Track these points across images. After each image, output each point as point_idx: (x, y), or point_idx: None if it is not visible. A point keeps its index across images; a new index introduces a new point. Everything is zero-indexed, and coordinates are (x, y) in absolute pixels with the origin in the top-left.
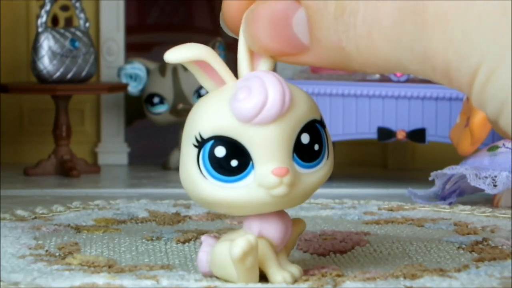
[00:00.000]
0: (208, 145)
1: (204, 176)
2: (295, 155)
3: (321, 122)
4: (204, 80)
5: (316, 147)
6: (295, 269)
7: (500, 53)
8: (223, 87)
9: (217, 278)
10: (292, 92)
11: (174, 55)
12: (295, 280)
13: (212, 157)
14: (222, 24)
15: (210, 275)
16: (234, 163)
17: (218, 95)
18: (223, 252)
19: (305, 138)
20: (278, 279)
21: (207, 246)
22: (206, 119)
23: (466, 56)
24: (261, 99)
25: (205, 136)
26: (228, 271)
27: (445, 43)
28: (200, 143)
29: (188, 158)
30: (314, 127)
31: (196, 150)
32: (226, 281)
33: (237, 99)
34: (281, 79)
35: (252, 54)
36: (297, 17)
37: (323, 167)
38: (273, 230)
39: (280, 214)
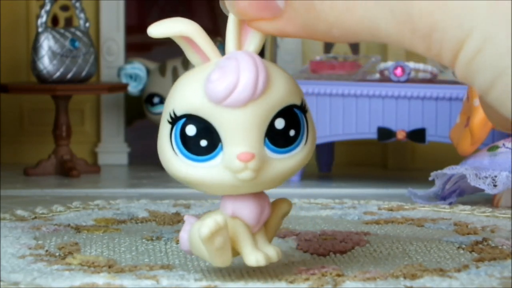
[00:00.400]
0: (180, 123)
1: (176, 153)
2: (267, 139)
3: (301, 107)
4: (191, 55)
5: (292, 132)
6: (272, 251)
7: (496, 21)
8: (206, 63)
9: (197, 256)
10: (270, 75)
11: (158, 29)
12: (269, 262)
13: (183, 135)
14: (221, 5)
15: (190, 254)
16: (203, 143)
17: (196, 73)
18: (197, 232)
19: (280, 123)
20: (251, 259)
21: (188, 225)
22: (181, 96)
23: (457, 19)
24: (233, 81)
25: (178, 114)
26: (202, 250)
27: (436, 3)
28: (173, 120)
29: (163, 133)
30: (292, 112)
31: (169, 126)
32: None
33: (210, 80)
34: (260, 61)
35: (240, 32)
36: None
37: (300, 153)
38: (246, 210)
39: (256, 195)
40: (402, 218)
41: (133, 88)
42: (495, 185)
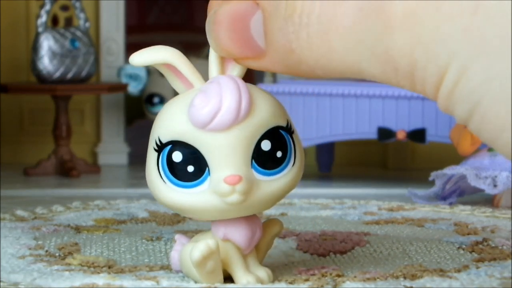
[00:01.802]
0: (166, 150)
1: (163, 180)
2: (253, 162)
3: (287, 129)
4: (174, 83)
5: (279, 154)
6: (263, 273)
7: (471, 52)
8: (189, 90)
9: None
10: (254, 98)
11: (139, 58)
12: (260, 283)
13: (169, 162)
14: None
15: (181, 272)
16: (190, 168)
17: (180, 99)
18: (188, 254)
19: (266, 145)
20: (242, 282)
21: (179, 245)
22: (165, 123)
23: (434, 56)
24: (215, 106)
25: (164, 141)
26: (193, 272)
27: (412, 43)
28: (159, 147)
29: (150, 161)
30: (278, 134)
31: (156, 154)
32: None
33: (193, 105)
34: (242, 85)
35: (223, 58)
36: (254, 19)
37: (288, 174)
38: (238, 234)
39: (247, 218)
40: (402, 218)
41: (133, 88)
42: (495, 185)
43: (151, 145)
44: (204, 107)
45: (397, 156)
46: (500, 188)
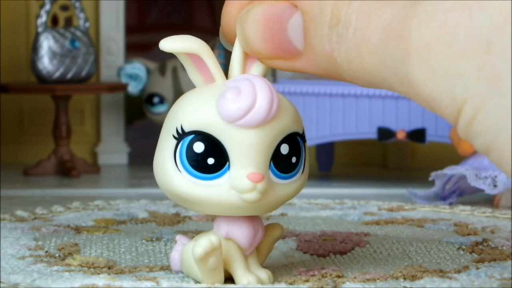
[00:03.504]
0: (188, 139)
1: (179, 169)
2: (272, 164)
3: (302, 136)
4: (194, 74)
5: (294, 159)
6: (264, 274)
7: (486, 90)
8: (211, 84)
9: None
10: (280, 101)
11: (170, 44)
12: (261, 284)
13: (189, 152)
14: (221, 37)
15: (181, 273)
16: (210, 161)
17: (206, 91)
18: (190, 252)
19: (285, 149)
20: (243, 281)
21: (180, 246)
22: (191, 112)
23: (450, 91)
24: (249, 103)
25: (187, 129)
26: (194, 271)
27: (428, 74)
28: (180, 136)
29: (165, 148)
30: (295, 140)
31: (174, 142)
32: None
33: (225, 98)
34: (271, 86)
35: (246, 57)
36: (292, 21)
37: (297, 181)
38: (240, 233)
39: (250, 217)
40: (402, 218)
41: (133, 88)
42: (495, 185)
43: (169, 132)
44: (237, 102)
45: (397, 156)
46: (500, 188)
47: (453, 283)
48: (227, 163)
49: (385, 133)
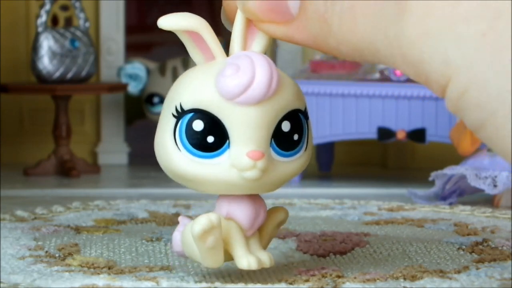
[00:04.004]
0: (187, 117)
1: (179, 148)
2: (273, 141)
3: (304, 113)
4: (194, 52)
5: (296, 137)
6: (265, 256)
7: (487, 58)
8: (211, 62)
9: (188, 257)
10: (280, 77)
11: (168, 21)
12: (261, 266)
13: (189, 130)
14: (223, 18)
15: (182, 255)
16: (210, 139)
17: (205, 68)
18: (190, 231)
19: (286, 126)
20: (243, 263)
21: (182, 226)
22: (189, 90)
23: (443, 52)
24: (248, 79)
25: (186, 108)
26: (194, 250)
27: (422, 33)
28: (180, 114)
29: (165, 127)
30: (297, 117)
31: (174, 120)
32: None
33: (224, 75)
34: (271, 62)
35: (246, 34)
36: None
37: (300, 158)
38: (241, 212)
39: (252, 197)
40: (402, 218)
41: (133, 88)
42: (495, 185)
43: (169, 111)
44: (235, 78)
45: (397, 156)
46: (500, 188)
47: (453, 283)
48: (227, 141)
49: (385, 133)
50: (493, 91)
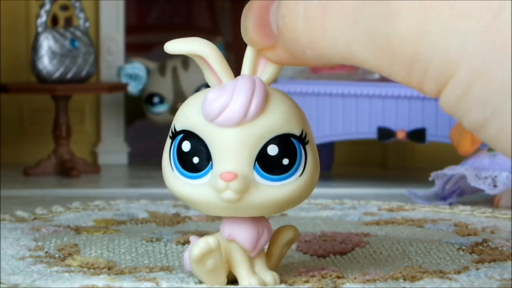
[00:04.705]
0: (178, 138)
1: (172, 168)
2: (257, 164)
3: (300, 138)
4: (208, 75)
5: (286, 161)
6: (269, 277)
7: (492, 54)
8: (220, 85)
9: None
10: (270, 101)
11: (174, 46)
12: (264, 286)
13: (179, 151)
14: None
15: (193, 274)
16: (195, 160)
17: (203, 92)
18: None
19: (273, 150)
20: (244, 283)
21: (191, 246)
22: (181, 113)
23: (443, 50)
24: (225, 101)
25: (178, 129)
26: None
27: (418, 32)
28: (173, 135)
29: (166, 148)
30: (288, 141)
31: (170, 141)
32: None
33: (206, 98)
34: (260, 86)
35: (257, 59)
36: (273, 8)
37: (293, 183)
38: (242, 234)
39: (254, 219)
40: (402, 219)
41: (133, 88)
42: (495, 185)
43: (169, 132)
44: (215, 100)
45: (397, 156)
46: (500, 188)
47: (453, 283)
48: (210, 162)
49: (385, 133)
50: (497, 86)
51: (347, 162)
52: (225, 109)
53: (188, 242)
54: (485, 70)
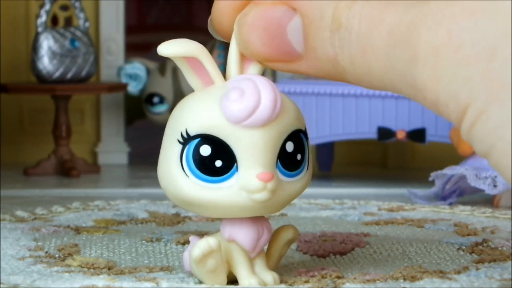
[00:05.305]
0: (194, 143)
1: (186, 174)
2: (278, 162)
3: (305, 133)
4: (191, 78)
5: (299, 156)
6: (269, 277)
7: (488, 96)
8: (210, 86)
9: (196, 276)
10: (282, 99)
11: (167, 48)
12: (264, 286)
13: (196, 156)
14: (209, 27)
15: (193, 274)
16: (218, 163)
17: (207, 93)
18: None
19: (290, 147)
20: (244, 284)
21: (191, 246)
22: (195, 116)
23: (454, 95)
24: (254, 102)
25: (192, 133)
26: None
27: (435, 79)
28: (186, 140)
29: (169, 154)
30: (299, 137)
31: (180, 146)
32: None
33: (229, 99)
34: (273, 84)
35: (243, 57)
36: (291, 25)
37: (303, 178)
38: (242, 235)
39: (254, 219)
40: (402, 219)
41: (133, 88)
42: (495, 186)
43: (173, 137)
44: (241, 102)
45: (397, 156)
46: (500, 188)
47: (453, 283)
48: (235, 165)
49: (385, 133)
50: (492, 125)
51: (347, 162)
52: (255, 111)
53: (188, 242)
54: (484, 111)
